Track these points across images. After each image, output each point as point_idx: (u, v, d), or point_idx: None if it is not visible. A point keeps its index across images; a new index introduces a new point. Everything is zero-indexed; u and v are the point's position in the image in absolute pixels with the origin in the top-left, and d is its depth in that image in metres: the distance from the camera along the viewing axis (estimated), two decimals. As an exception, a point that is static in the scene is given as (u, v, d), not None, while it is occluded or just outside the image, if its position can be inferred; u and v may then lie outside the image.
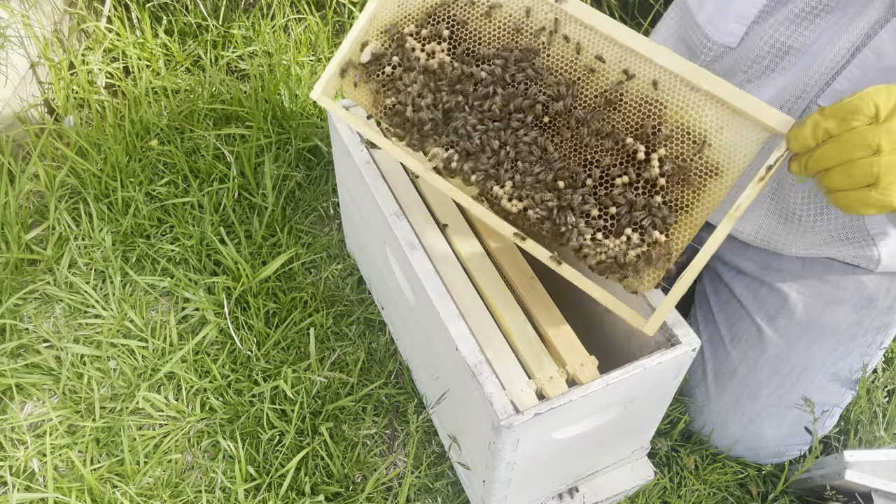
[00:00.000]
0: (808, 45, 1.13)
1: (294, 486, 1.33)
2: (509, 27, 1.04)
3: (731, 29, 1.20)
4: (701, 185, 0.94)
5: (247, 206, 1.75)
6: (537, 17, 1.02)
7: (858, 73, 1.08)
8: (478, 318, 1.12)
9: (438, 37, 1.07)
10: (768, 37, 1.16)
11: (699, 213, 0.94)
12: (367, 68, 1.09)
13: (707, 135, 0.94)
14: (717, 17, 1.21)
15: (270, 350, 1.50)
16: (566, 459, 1.21)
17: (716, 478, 1.41)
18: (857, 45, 1.07)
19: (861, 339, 1.36)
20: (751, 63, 1.19)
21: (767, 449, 1.41)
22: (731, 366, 1.42)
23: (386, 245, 1.31)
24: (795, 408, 1.38)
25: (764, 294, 1.40)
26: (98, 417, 1.41)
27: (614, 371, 1.05)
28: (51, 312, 1.57)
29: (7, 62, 1.79)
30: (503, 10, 1.05)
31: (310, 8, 2.11)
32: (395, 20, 1.08)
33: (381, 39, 1.09)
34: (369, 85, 1.10)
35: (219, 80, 1.97)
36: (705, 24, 1.23)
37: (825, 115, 0.84)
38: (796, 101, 1.15)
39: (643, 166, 0.96)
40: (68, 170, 1.77)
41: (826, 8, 1.11)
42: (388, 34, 1.09)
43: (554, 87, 1.01)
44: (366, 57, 1.08)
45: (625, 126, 0.98)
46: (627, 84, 0.98)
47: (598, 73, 1.00)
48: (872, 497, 1.24)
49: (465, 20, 1.06)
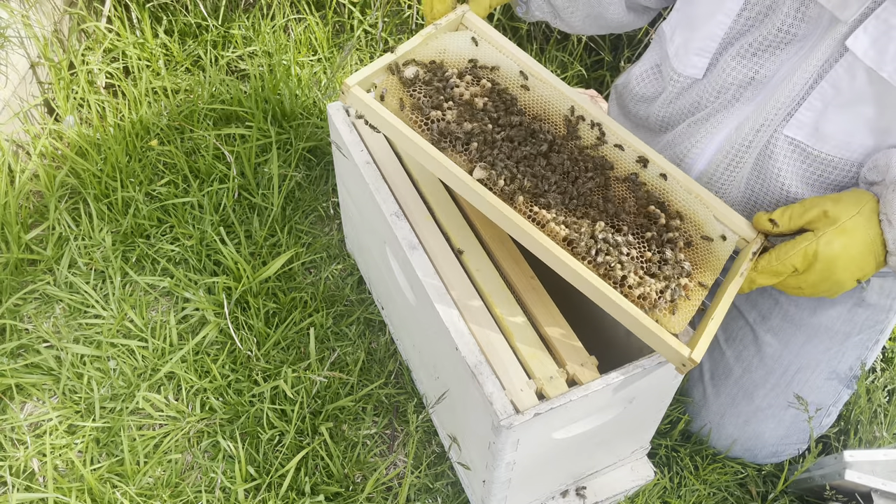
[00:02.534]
0: (769, 76, 1.16)
1: (294, 486, 1.33)
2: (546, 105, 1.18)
3: (695, 62, 1.24)
4: (706, 248, 1.13)
5: (247, 206, 1.75)
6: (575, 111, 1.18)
7: (819, 105, 1.11)
8: (478, 318, 1.12)
9: (482, 87, 1.15)
10: (731, 69, 1.19)
11: (713, 264, 1.12)
12: (407, 82, 1.13)
13: (702, 226, 1.14)
14: (682, 50, 1.25)
15: (270, 350, 1.50)
16: (566, 459, 1.21)
17: (715, 478, 1.41)
18: (815, 78, 1.10)
19: (856, 338, 1.36)
20: (717, 94, 1.22)
21: (765, 449, 1.41)
22: (727, 366, 1.42)
23: (386, 245, 1.31)
24: (791, 407, 1.38)
25: (756, 294, 1.40)
26: (98, 417, 1.41)
27: (614, 371, 1.06)
28: (51, 312, 1.57)
29: (7, 62, 1.79)
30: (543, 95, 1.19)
31: (310, 8, 2.11)
32: (442, 60, 1.17)
33: (425, 69, 1.14)
34: (401, 95, 1.13)
35: (219, 80, 1.97)
36: (673, 57, 1.27)
37: (759, 272, 1.11)
38: (758, 132, 1.17)
39: (662, 229, 1.11)
40: (68, 170, 1.77)
41: (784, 40, 1.13)
42: (435, 66, 1.15)
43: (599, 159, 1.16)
44: (409, 74, 1.13)
45: (646, 195, 1.15)
46: (644, 170, 1.17)
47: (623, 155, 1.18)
48: (872, 497, 1.25)
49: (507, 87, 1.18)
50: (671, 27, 1.28)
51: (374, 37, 2.10)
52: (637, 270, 1.05)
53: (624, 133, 1.19)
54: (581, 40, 2.09)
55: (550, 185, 1.08)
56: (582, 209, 1.08)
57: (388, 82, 1.13)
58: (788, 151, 1.17)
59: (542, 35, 2.10)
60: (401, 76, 1.13)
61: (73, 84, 1.93)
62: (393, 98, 1.11)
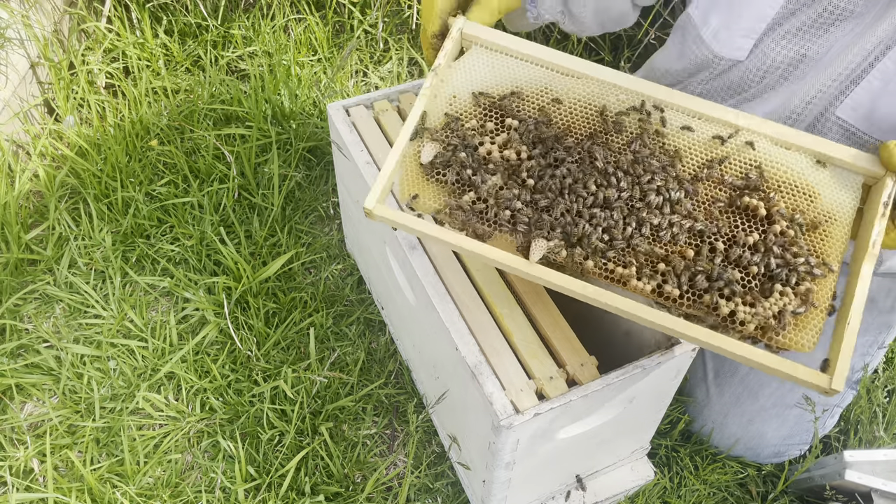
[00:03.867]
0: (821, 53, 1.11)
1: (294, 486, 1.33)
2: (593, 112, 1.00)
3: (740, 44, 1.17)
4: (824, 232, 0.92)
5: (247, 206, 1.75)
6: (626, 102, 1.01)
7: (878, 84, 1.05)
8: (478, 318, 1.12)
9: (507, 128, 0.99)
10: (780, 48, 1.13)
11: (833, 257, 0.92)
12: (429, 170, 0.97)
13: (812, 187, 0.94)
14: (724, 33, 1.18)
15: (270, 350, 1.50)
16: (566, 459, 1.21)
17: (716, 478, 1.41)
18: (874, 55, 1.04)
19: (861, 339, 1.36)
20: (763, 74, 1.17)
21: (768, 449, 1.41)
22: (733, 365, 1.42)
23: (386, 245, 1.31)
24: (796, 407, 1.38)
25: None
26: (98, 417, 1.41)
27: (614, 371, 1.05)
28: (51, 312, 1.57)
29: (7, 62, 1.79)
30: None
31: (310, 8, 2.11)
32: (453, 117, 1.00)
33: (439, 139, 0.98)
34: (425, 186, 0.97)
35: (219, 80, 1.97)
36: (711, 40, 1.20)
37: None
38: (806, 107, 1.13)
39: (764, 223, 0.92)
40: (68, 170, 1.77)
41: (840, 17, 1.08)
42: (448, 130, 0.99)
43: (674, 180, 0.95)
44: (427, 157, 0.97)
45: (731, 189, 0.95)
46: (724, 148, 0.97)
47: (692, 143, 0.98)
48: (872, 497, 1.24)
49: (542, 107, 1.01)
50: (701, 11, 1.21)
51: (374, 37, 2.10)
52: (745, 296, 0.88)
53: (692, 103, 0.98)
54: (581, 40, 2.08)
55: (619, 230, 0.91)
56: (663, 243, 0.92)
57: (408, 176, 0.97)
58: (838, 136, 1.11)
59: (542, 35, 2.10)
60: (419, 163, 0.97)
61: (73, 84, 1.93)
62: (424, 194, 0.96)
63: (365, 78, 2.06)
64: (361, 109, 1.40)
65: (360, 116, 1.39)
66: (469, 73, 1.03)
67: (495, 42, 1.04)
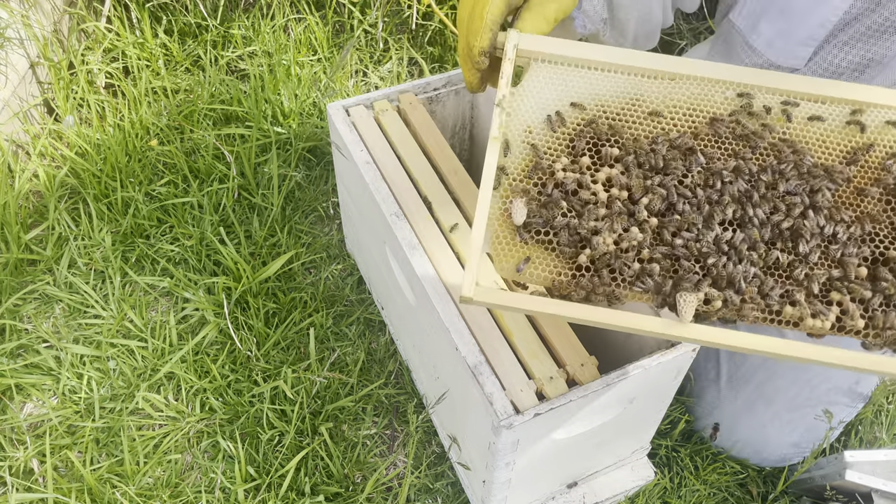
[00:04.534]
0: (889, 56, 1.06)
1: (294, 486, 1.33)
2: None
3: (798, 52, 1.12)
4: None
5: (247, 206, 1.75)
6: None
7: None
8: (478, 318, 1.12)
9: (607, 159, 0.83)
10: (844, 53, 1.09)
11: None
12: (522, 232, 0.81)
13: None
14: (780, 42, 1.13)
15: (270, 350, 1.50)
16: (566, 459, 1.21)
17: (716, 478, 1.41)
18: None
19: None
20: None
21: (775, 454, 1.41)
22: (749, 370, 1.41)
23: (386, 245, 1.30)
24: (812, 416, 1.37)
25: None
26: (98, 418, 1.41)
27: (614, 371, 1.05)
28: (50, 312, 1.57)
29: (7, 62, 1.79)
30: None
31: (310, 8, 2.11)
32: (536, 161, 0.83)
33: (526, 192, 0.82)
34: (527, 252, 0.81)
35: (218, 80, 1.97)
36: (765, 49, 1.15)
37: None
38: None
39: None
40: (68, 170, 1.77)
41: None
42: (536, 177, 0.83)
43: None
44: (519, 218, 0.80)
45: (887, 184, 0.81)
46: (863, 134, 0.83)
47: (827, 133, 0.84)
48: (872, 497, 1.24)
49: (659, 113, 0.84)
50: (747, 18, 1.15)
51: (374, 36, 2.10)
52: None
53: (815, 86, 0.83)
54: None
55: (770, 264, 0.77)
56: (826, 267, 0.78)
57: (501, 244, 0.80)
58: None
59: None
60: (511, 224, 0.80)
61: (72, 84, 1.93)
62: (533, 265, 0.80)
63: (365, 78, 2.06)
64: (361, 109, 1.40)
65: (360, 116, 1.39)
66: (539, 97, 0.86)
67: (564, 54, 0.86)
